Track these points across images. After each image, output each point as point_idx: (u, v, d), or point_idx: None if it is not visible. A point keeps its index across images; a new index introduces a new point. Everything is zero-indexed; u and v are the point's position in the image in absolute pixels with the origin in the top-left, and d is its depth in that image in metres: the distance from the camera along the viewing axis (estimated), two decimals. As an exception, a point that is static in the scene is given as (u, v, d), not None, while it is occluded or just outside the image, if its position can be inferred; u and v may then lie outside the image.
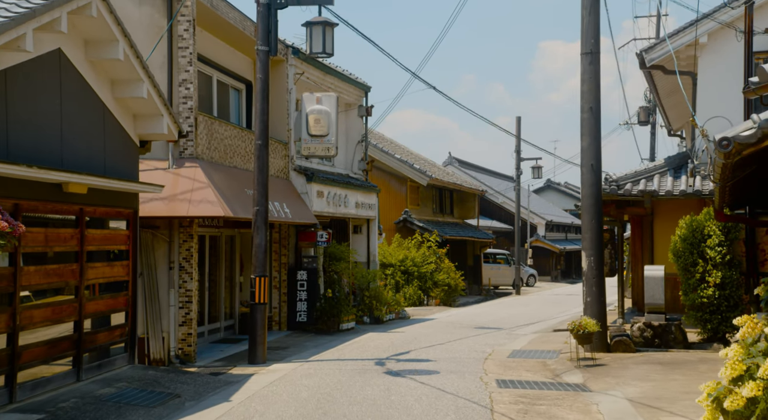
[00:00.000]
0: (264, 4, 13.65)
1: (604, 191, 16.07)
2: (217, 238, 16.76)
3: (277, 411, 9.22)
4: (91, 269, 10.78)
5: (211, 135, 14.65)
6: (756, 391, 5.92)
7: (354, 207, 21.58)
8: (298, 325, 18.50)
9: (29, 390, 9.25)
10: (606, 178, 17.23)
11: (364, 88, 23.49)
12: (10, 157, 8.66)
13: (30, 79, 9.15)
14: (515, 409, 9.36)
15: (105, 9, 10.08)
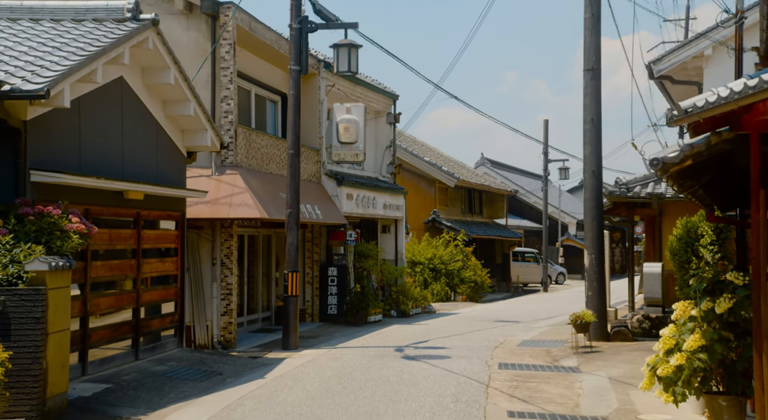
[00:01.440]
0: (296, 28, 15.28)
1: (613, 194, 17.39)
2: (255, 238, 18.45)
3: (304, 385, 10.83)
4: (146, 264, 12.49)
5: (249, 145, 16.33)
6: (681, 360, 7.40)
7: (382, 208, 23.16)
8: (329, 317, 20.13)
9: (97, 365, 10.98)
10: (616, 181, 18.54)
11: (392, 96, 25.05)
12: (82, 171, 10.37)
13: (97, 104, 10.86)
14: (508, 385, 10.87)
15: (159, 41, 11.77)
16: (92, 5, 11.51)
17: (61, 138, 10.05)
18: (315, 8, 15.81)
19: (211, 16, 15.24)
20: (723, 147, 7.37)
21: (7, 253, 8.29)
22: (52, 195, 9.54)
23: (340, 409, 9.09)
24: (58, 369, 8.60)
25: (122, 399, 9.68)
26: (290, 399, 9.76)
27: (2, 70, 9.12)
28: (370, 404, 9.38)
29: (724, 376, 7.75)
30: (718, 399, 7.70)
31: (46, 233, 8.81)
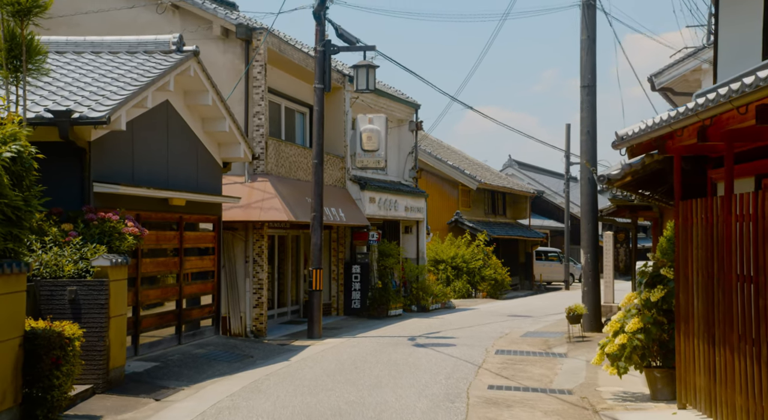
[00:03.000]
0: (320, 51, 17.10)
1: (616, 197, 18.96)
2: (285, 238, 20.33)
3: (322, 366, 12.63)
4: (187, 262, 14.38)
5: (278, 154, 18.19)
6: (624, 340, 9.08)
7: (403, 210, 24.92)
8: (353, 311, 21.95)
9: (147, 348, 12.88)
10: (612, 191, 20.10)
11: (414, 106, 26.80)
12: (135, 182, 12.27)
13: (147, 124, 12.75)
14: (498, 366, 12.58)
15: (199, 69, 13.65)
16: (143, 39, 13.44)
17: (117, 155, 11.95)
18: (337, 32, 17.65)
19: (245, 41, 17.11)
20: (655, 166, 9.03)
21: (77, 252, 10.20)
22: (111, 203, 11.45)
23: (349, 382, 10.86)
24: (117, 346, 10.50)
25: (168, 374, 11.55)
26: (308, 376, 11.57)
27: (72, 100, 11.04)
28: (375, 379, 11.15)
29: (659, 353, 9.39)
30: (654, 371, 9.36)
31: (107, 235, 10.69)
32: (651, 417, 8.44)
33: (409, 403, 9.35)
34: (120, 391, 10.05)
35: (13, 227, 7.61)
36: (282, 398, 9.66)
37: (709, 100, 6.44)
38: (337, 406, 9.12)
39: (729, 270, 7.29)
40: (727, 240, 7.31)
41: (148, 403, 9.61)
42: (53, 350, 8.16)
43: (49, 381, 8.08)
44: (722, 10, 8.76)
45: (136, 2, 17.13)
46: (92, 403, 9.36)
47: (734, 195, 7.16)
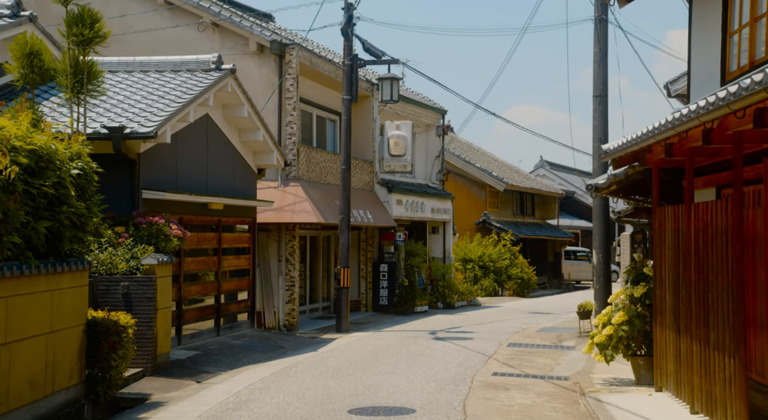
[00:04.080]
0: (348, 64, 18.38)
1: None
2: (316, 238, 21.65)
3: (347, 356, 13.89)
4: (225, 260, 15.75)
5: (309, 161, 19.50)
6: (610, 331, 10.22)
7: (430, 212, 26.12)
8: (380, 308, 23.21)
9: (189, 338, 14.26)
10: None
11: (441, 111, 27.97)
12: (178, 189, 13.65)
13: (189, 136, 14.12)
14: (507, 357, 13.74)
15: (236, 85, 14.99)
16: (186, 59, 14.83)
17: (163, 164, 13.33)
18: (364, 47, 18.92)
19: (278, 56, 18.44)
20: (638, 176, 10.14)
21: (129, 251, 11.58)
22: (157, 208, 12.83)
23: (368, 370, 12.11)
24: (163, 335, 11.87)
25: (208, 361, 12.89)
26: (333, 364, 12.84)
27: (124, 116, 12.45)
28: (392, 367, 12.38)
29: (644, 342, 10.50)
30: (638, 359, 10.47)
31: (154, 237, 12.06)
32: (630, 398, 9.55)
33: (418, 386, 10.57)
34: (166, 374, 11.41)
35: (78, 231, 8.96)
36: (307, 382, 10.94)
37: (668, 121, 7.56)
38: (354, 388, 10.37)
39: (689, 268, 8.40)
40: (687, 243, 8.42)
41: (191, 385, 10.94)
42: (110, 336, 9.50)
43: (107, 362, 9.41)
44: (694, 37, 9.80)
45: (180, 22, 18.56)
46: (142, 383, 10.72)
47: (693, 204, 8.27)
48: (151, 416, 8.98)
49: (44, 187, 7.92)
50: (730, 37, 8.72)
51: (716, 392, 7.56)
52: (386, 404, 9.33)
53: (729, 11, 8.73)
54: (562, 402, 9.62)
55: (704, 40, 9.39)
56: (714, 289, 7.67)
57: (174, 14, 18.74)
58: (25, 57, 10.78)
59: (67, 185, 8.44)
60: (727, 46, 8.75)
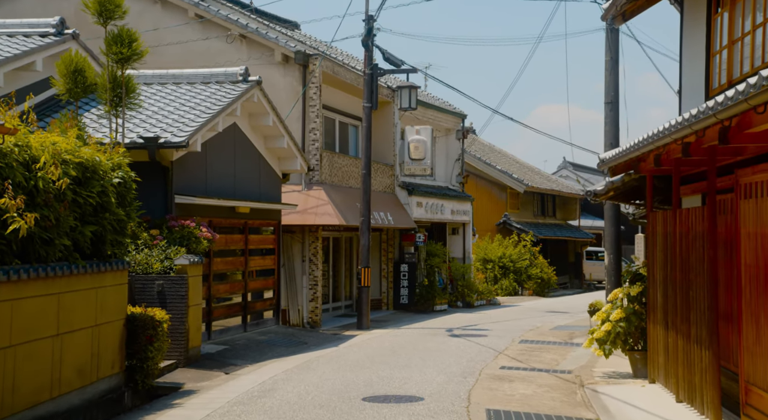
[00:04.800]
0: (368, 74, 19.24)
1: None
2: (339, 239, 22.54)
3: (365, 351, 14.75)
4: (251, 261, 16.66)
5: (331, 165, 20.39)
6: (609, 327, 10.98)
7: (450, 214, 26.91)
8: (401, 306, 24.05)
9: (218, 334, 15.19)
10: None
11: (460, 116, 28.76)
12: (207, 194, 14.58)
13: (218, 144, 15.05)
14: (517, 352, 14.52)
15: (261, 95, 15.91)
16: (215, 72, 15.79)
17: (193, 171, 14.27)
18: (384, 56, 19.78)
19: (302, 65, 19.33)
20: (633, 183, 10.89)
21: (163, 253, 12.51)
22: (189, 211, 13.76)
23: (384, 363, 12.95)
24: (195, 330, 12.79)
25: (235, 355, 13.81)
26: (352, 358, 13.70)
27: (158, 127, 13.40)
28: (406, 361, 13.22)
29: (641, 338, 11.24)
30: (635, 354, 11.22)
31: (186, 239, 13.00)
32: (624, 389, 10.31)
33: (429, 378, 11.40)
34: (197, 366, 12.34)
35: (118, 235, 9.89)
36: (326, 373, 11.81)
37: (649, 135, 8.32)
38: (369, 379, 11.22)
39: (675, 269, 9.15)
40: (673, 245, 9.17)
41: (220, 376, 11.85)
42: (147, 330, 10.42)
43: (144, 354, 10.33)
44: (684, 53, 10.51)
45: (210, 34, 19.54)
46: (176, 374, 11.64)
47: (678, 210, 9.02)
48: (185, 402, 9.89)
49: (90, 197, 8.85)
50: (713, 56, 9.44)
51: (696, 381, 8.32)
52: (398, 393, 10.16)
53: (712, 33, 9.45)
54: (561, 392, 10.40)
55: (693, 57, 10.11)
56: (694, 287, 8.42)
57: (204, 27, 19.71)
58: (70, 73, 11.74)
59: (109, 193, 9.37)
60: (710, 64, 9.48)
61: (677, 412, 8.68)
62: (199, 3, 20.03)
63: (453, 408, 9.22)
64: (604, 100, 19.52)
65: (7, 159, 7.35)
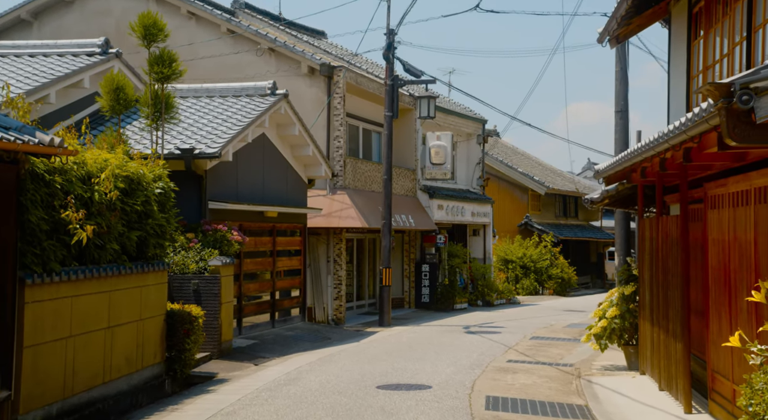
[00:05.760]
0: (389, 84, 20.35)
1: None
2: (362, 241, 23.67)
3: (384, 346, 15.84)
4: (279, 261, 17.84)
5: (355, 171, 21.51)
6: (605, 323, 11.97)
7: (470, 216, 27.93)
8: (422, 305, 25.13)
9: (248, 329, 16.38)
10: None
11: (481, 121, 29.76)
12: (238, 199, 15.77)
13: (247, 153, 16.23)
14: (525, 348, 15.53)
15: (288, 107, 17.07)
16: (245, 85, 16.98)
17: (225, 178, 15.46)
18: (405, 68, 20.87)
19: (327, 77, 20.47)
20: (627, 192, 11.87)
21: (198, 254, 13.71)
22: (221, 216, 14.95)
23: (400, 357, 14.04)
24: (227, 326, 13.98)
25: (264, 349, 14.97)
26: (371, 352, 14.80)
27: (194, 138, 14.61)
28: (422, 354, 14.30)
29: (635, 334, 12.22)
30: (629, 348, 12.21)
31: (219, 242, 14.18)
32: (615, 380, 11.31)
33: (439, 369, 12.47)
34: (229, 358, 13.51)
35: (159, 239, 11.07)
36: (346, 365, 12.93)
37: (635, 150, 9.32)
38: (385, 370, 12.32)
39: (658, 270, 10.14)
40: (657, 249, 10.16)
41: (249, 367, 13.02)
42: (185, 324, 11.59)
43: (182, 346, 11.50)
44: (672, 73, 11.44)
45: (241, 48, 20.76)
46: (210, 365, 12.82)
47: (659, 218, 10.01)
48: (218, 389, 11.06)
49: (135, 206, 10.04)
50: (692, 79, 10.39)
51: (672, 371, 9.31)
52: (409, 382, 11.25)
53: (691, 57, 10.40)
54: (558, 382, 11.42)
55: (678, 77, 11.06)
56: (671, 287, 9.41)
57: (236, 41, 20.94)
58: (112, 92, 12.94)
59: (152, 202, 10.56)
60: (690, 86, 10.43)
61: (657, 399, 9.67)
62: (231, 18, 21.27)
63: (456, 395, 10.29)
64: (615, 108, 20.42)
65: (68, 175, 8.54)
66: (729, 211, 7.88)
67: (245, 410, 9.45)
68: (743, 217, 7.41)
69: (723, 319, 8.05)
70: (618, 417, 9.02)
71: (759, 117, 4.88)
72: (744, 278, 7.36)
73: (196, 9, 21.16)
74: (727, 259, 7.98)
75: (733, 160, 7.61)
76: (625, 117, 20.27)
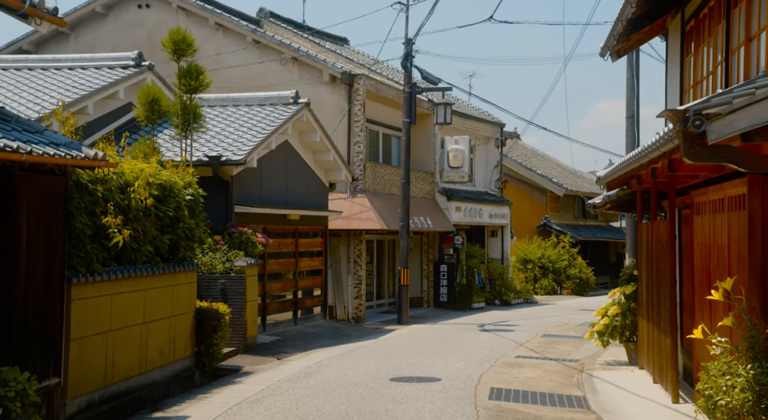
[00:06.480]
0: (407, 92, 21.16)
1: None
2: (382, 242, 24.50)
3: (401, 342, 16.64)
4: (301, 262, 18.70)
5: (374, 174, 22.34)
6: (607, 321, 12.70)
7: (488, 217, 28.67)
8: (441, 304, 25.92)
9: (272, 327, 17.26)
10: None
11: (499, 125, 30.48)
12: (262, 203, 16.65)
13: (271, 159, 17.10)
14: (535, 345, 16.27)
15: (310, 115, 17.93)
16: (269, 95, 17.89)
17: (250, 184, 16.34)
18: (422, 75, 21.68)
19: (347, 84, 21.32)
20: (627, 197, 12.58)
21: (225, 255, 14.60)
22: (246, 219, 15.84)
23: (415, 353, 14.84)
24: (251, 322, 14.86)
25: (286, 344, 15.83)
26: (388, 348, 15.62)
27: (221, 146, 15.51)
28: (435, 350, 15.09)
29: (635, 331, 12.92)
30: (629, 344, 12.93)
31: (244, 243, 15.06)
32: (615, 374, 12.03)
33: (450, 364, 13.26)
34: (253, 353, 14.39)
35: (189, 241, 11.96)
36: (363, 360, 13.76)
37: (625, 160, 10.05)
38: (399, 365, 13.13)
39: (653, 271, 10.86)
40: (651, 251, 10.88)
41: (272, 361, 13.89)
42: (212, 321, 12.46)
43: (210, 341, 12.38)
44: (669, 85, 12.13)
45: (265, 58, 21.68)
46: (236, 359, 13.70)
47: (653, 222, 10.73)
48: (244, 380, 11.93)
49: (168, 211, 10.93)
50: (684, 92, 11.08)
51: (663, 364, 10.03)
52: (420, 375, 12.05)
53: (684, 71, 11.09)
54: (561, 376, 12.16)
55: (673, 90, 11.76)
56: (662, 286, 10.13)
57: (260, 51, 21.85)
58: (147, 103, 13.86)
59: (182, 208, 11.45)
60: (683, 100, 11.12)
61: (650, 390, 10.40)
62: (257, 29, 22.19)
63: (463, 386, 11.08)
64: (626, 114, 21.11)
65: (108, 184, 9.44)
66: (709, 217, 8.60)
67: (268, 399, 10.30)
68: (720, 223, 8.13)
69: (705, 316, 8.77)
70: (611, 406, 9.76)
71: (710, 139, 5.61)
72: (721, 278, 8.08)
73: (224, 20, 22.10)
74: (708, 260, 8.70)
75: (713, 170, 8.33)
76: (635, 122, 20.93)
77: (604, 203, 12.74)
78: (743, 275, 7.01)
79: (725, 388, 5.73)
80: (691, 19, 10.75)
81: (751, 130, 5.60)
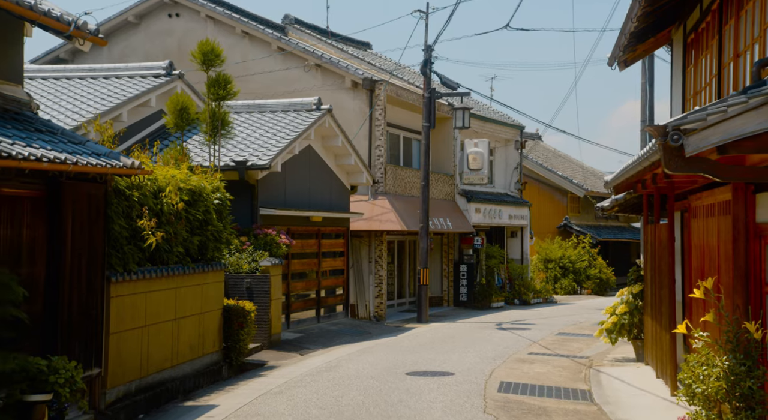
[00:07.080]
0: (427, 97, 21.79)
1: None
2: (403, 242, 25.15)
3: (419, 339, 17.29)
4: (323, 262, 19.41)
5: (395, 177, 23.00)
6: (615, 319, 13.28)
7: (507, 218, 29.22)
8: (460, 303, 26.52)
9: (295, 324, 17.97)
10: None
11: (518, 127, 31.02)
12: (286, 206, 17.37)
13: (294, 164, 17.82)
14: (550, 342, 16.84)
15: (332, 121, 18.63)
16: (293, 101, 18.62)
17: (274, 187, 17.07)
18: (441, 81, 22.32)
19: (369, 90, 21.99)
20: (634, 200, 13.14)
21: (250, 256, 15.33)
22: (271, 221, 16.56)
23: (432, 349, 15.47)
24: (276, 320, 15.58)
25: (309, 341, 16.54)
26: (406, 345, 16.27)
27: (247, 151, 16.25)
28: (451, 347, 15.72)
29: (642, 328, 13.47)
30: (637, 342, 13.48)
31: (268, 244, 15.78)
32: (622, 370, 12.60)
33: (466, 360, 13.90)
34: (278, 349, 15.11)
35: (217, 243, 12.70)
36: (382, 355, 14.42)
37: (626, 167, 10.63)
38: (415, 360, 13.78)
39: (656, 271, 11.43)
40: (654, 252, 11.45)
41: (295, 356, 14.60)
42: (239, 318, 13.19)
43: (237, 337, 13.11)
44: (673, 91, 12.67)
45: (290, 64, 22.44)
46: (261, 354, 14.43)
47: (656, 224, 11.30)
48: (268, 374, 12.65)
49: (197, 214, 11.67)
50: (687, 101, 11.63)
51: (663, 359, 10.60)
52: (435, 370, 12.70)
53: (686, 81, 11.63)
54: (570, 372, 12.76)
55: (677, 98, 12.31)
56: (663, 286, 10.70)
57: (285, 58, 22.60)
58: (177, 111, 14.62)
59: (211, 211, 12.19)
60: (685, 108, 11.66)
61: (652, 384, 10.98)
62: (281, 37, 22.94)
63: (475, 380, 11.71)
64: (640, 118, 21.59)
65: (143, 190, 10.18)
66: (703, 220, 9.18)
67: (290, 390, 11.00)
68: (711, 227, 8.70)
69: (699, 313, 9.34)
70: (613, 398, 10.36)
71: (687, 152, 6.20)
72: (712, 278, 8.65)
73: (250, 29, 22.87)
74: (702, 261, 9.27)
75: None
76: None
77: (612, 206, 13.31)
78: (729, 275, 7.59)
79: (702, 378, 6.31)
80: (691, 31, 11.30)
81: (724, 143, 6.18)
